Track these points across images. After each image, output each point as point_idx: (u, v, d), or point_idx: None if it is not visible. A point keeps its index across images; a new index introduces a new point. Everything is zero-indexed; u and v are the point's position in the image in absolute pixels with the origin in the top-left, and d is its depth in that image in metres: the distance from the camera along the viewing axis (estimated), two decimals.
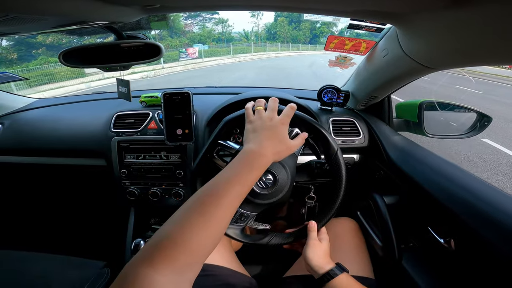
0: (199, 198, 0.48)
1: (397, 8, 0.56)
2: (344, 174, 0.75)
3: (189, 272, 0.42)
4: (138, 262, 0.39)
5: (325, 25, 55.45)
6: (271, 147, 0.59)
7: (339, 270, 0.68)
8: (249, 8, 0.67)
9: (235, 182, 0.51)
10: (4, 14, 0.40)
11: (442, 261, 0.81)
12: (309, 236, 0.75)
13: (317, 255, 0.71)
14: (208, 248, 0.45)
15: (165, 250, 0.40)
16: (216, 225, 0.46)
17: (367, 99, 1.12)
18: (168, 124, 1.01)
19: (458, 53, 0.59)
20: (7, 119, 1.32)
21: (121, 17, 0.64)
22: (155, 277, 0.37)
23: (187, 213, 0.46)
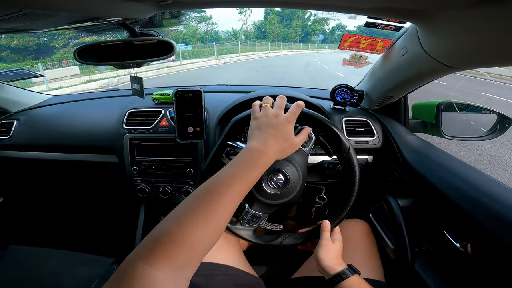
0: (199, 195, 0.47)
1: (420, 6, 0.54)
2: (358, 172, 0.73)
3: (187, 269, 0.42)
4: (137, 257, 0.38)
5: (316, 22, 54.30)
6: (275, 145, 0.59)
7: (350, 272, 0.66)
8: (264, 5, 0.66)
9: (237, 180, 0.50)
10: (18, 9, 0.39)
11: (457, 265, 0.79)
12: (322, 236, 0.73)
13: (329, 256, 0.69)
14: (207, 245, 0.45)
15: (164, 247, 0.39)
16: (216, 222, 0.45)
17: (383, 99, 1.09)
18: (179, 121, 1.00)
19: (484, 52, 0.57)
20: (22, 115, 1.35)
21: (134, 14, 0.64)
22: (154, 273, 0.37)
23: (187, 210, 0.45)
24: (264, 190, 0.74)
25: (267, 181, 0.74)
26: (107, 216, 1.67)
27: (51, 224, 1.71)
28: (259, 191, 0.74)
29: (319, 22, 55.48)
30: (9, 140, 1.27)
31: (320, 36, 59.61)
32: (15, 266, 1.00)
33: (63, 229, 1.69)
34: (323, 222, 0.75)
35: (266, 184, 0.74)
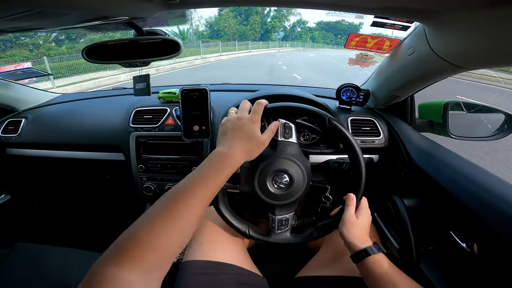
0: (163, 201, 0.49)
1: (430, 6, 0.53)
2: (350, 136, 0.70)
3: (157, 270, 0.43)
4: (106, 260, 0.40)
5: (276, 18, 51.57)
6: (240, 147, 0.60)
7: (374, 250, 0.64)
8: (273, 5, 0.66)
9: (202, 183, 0.52)
10: (30, 8, 0.40)
11: (463, 266, 0.79)
12: (345, 211, 0.71)
13: (352, 233, 0.67)
14: (176, 246, 0.46)
15: (130, 251, 0.41)
16: (182, 224, 0.47)
17: (389, 99, 1.08)
18: (185, 120, 1.01)
19: (493, 52, 0.56)
20: (30, 113, 1.36)
21: (142, 13, 0.64)
22: (123, 274, 0.38)
23: (154, 213, 0.47)
24: (269, 191, 0.73)
25: (272, 182, 0.74)
26: (113, 214, 1.68)
27: (57, 222, 1.73)
28: (265, 193, 0.74)
29: (279, 18, 52.45)
30: (17, 138, 1.29)
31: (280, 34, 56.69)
32: (22, 263, 1.02)
33: (69, 227, 1.71)
34: (347, 196, 0.72)
35: (271, 184, 0.74)
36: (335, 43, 71.47)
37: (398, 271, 0.62)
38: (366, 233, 0.69)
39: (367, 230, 0.69)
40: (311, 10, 0.69)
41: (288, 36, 58.72)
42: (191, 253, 0.77)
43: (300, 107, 0.73)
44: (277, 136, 0.75)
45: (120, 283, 0.37)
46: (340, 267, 0.77)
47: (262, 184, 0.74)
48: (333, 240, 0.85)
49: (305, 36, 63.62)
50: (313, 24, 71.82)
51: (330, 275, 0.77)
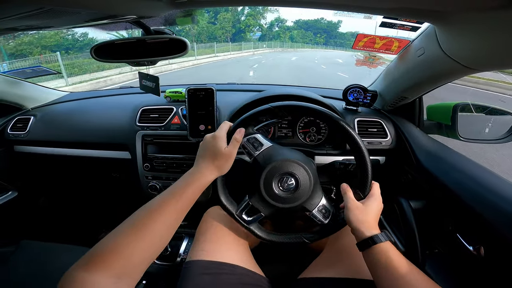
0: (136, 213, 0.54)
1: (441, 7, 0.52)
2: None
3: (127, 277, 0.47)
4: (76, 267, 0.44)
5: (251, 16, 46.17)
6: (207, 164, 0.66)
7: (383, 238, 0.61)
8: (280, 4, 0.65)
9: (170, 198, 0.57)
10: (40, 6, 0.40)
11: (469, 269, 0.78)
12: (345, 199, 0.70)
13: (358, 219, 0.65)
14: (144, 256, 0.50)
15: (101, 255, 0.46)
16: (150, 235, 0.51)
17: (397, 100, 1.07)
18: (191, 119, 1.01)
19: (505, 54, 0.55)
20: (39, 111, 1.38)
21: (150, 12, 0.65)
22: (93, 278, 0.43)
23: (125, 225, 0.52)
24: (272, 189, 0.73)
25: (278, 182, 0.74)
26: (117, 212, 1.69)
27: (63, 219, 1.74)
28: (267, 188, 0.73)
29: (254, 16, 47.63)
30: (26, 135, 1.31)
31: (256, 34, 52.09)
32: (27, 260, 1.02)
33: (75, 225, 1.72)
34: (341, 186, 0.73)
35: (276, 184, 0.73)
36: (315, 42, 67.91)
37: (407, 262, 0.58)
38: (375, 220, 0.66)
39: (375, 217, 0.66)
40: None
41: (265, 36, 54.02)
42: (195, 253, 0.77)
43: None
44: (251, 155, 0.75)
45: (88, 285, 0.42)
46: (343, 268, 0.77)
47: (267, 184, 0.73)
48: (336, 241, 0.84)
49: (283, 35, 59.26)
50: (291, 23, 68.61)
51: (333, 277, 0.76)
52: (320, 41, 70.12)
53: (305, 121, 1.13)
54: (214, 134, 0.69)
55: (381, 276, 0.59)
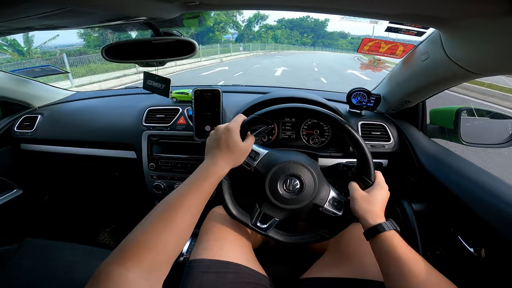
0: (159, 207, 0.55)
1: (447, 13, 0.54)
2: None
3: (157, 271, 0.48)
4: (110, 261, 0.45)
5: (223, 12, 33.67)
6: (222, 155, 0.65)
7: (388, 226, 0.62)
8: (287, 8, 0.67)
9: (190, 191, 0.58)
10: (61, 6, 0.42)
11: (471, 270, 0.78)
12: (350, 189, 0.72)
13: (363, 208, 0.66)
14: (171, 248, 0.51)
15: (132, 250, 0.46)
16: (175, 228, 0.52)
17: (400, 104, 1.08)
18: (197, 120, 1.02)
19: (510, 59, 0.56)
20: (46, 110, 1.39)
21: (161, 14, 0.66)
22: (125, 273, 0.43)
23: (149, 219, 0.53)
24: (278, 193, 0.74)
25: (283, 185, 0.75)
26: (122, 211, 1.70)
27: (66, 218, 1.75)
28: (273, 193, 0.74)
29: (228, 12, 34.62)
30: (33, 134, 1.32)
31: (228, 35, 44.24)
32: (30, 258, 1.03)
33: (79, 223, 1.73)
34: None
35: (281, 187, 0.74)
36: (302, 42, 62.10)
37: (411, 250, 0.59)
38: (381, 209, 0.67)
39: (381, 206, 0.67)
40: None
41: (243, 36, 47.12)
42: (198, 252, 0.77)
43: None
44: (251, 166, 0.76)
45: (123, 281, 0.42)
46: (346, 269, 0.77)
47: (272, 185, 0.74)
48: (340, 241, 0.85)
49: (265, 35, 52.96)
50: (274, 22, 62.61)
51: (336, 277, 0.76)
52: (307, 42, 64.99)
53: (308, 123, 1.15)
54: (228, 127, 0.68)
55: (386, 263, 0.60)
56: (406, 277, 0.55)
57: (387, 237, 0.60)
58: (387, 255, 0.59)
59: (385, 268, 0.60)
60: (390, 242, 0.60)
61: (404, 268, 0.56)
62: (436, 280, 0.55)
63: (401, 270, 0.56)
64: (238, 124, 0.69)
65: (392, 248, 0.59)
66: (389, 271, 0.59)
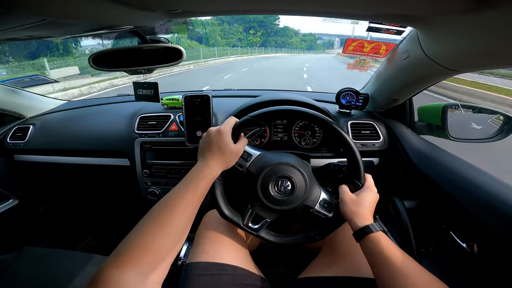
0: (156, 209, 0.56)
1: (419, 12, 0.55)
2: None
3: (154, 273, 0.48)
4: (108, 264, 0.45)
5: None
6: (214, 157, 0.67)
7: (375, 228, 0.63)
8: (269, 12, 0.68)
9: (185, 192, 0.59)
10: (43, 18, 0.43)
11: (464, 265, 0.79)
12: (340, 192, 0.72)
13: (352, 211, 0.67)
14: (169, 249, 0.52)
15: (130, 253, 0.47)
16: (172, 229, 0.53)
17: (388, 102, 1.10)
18: (188, 126, 1.03)
19: (483, 54, 0.58)
20: (38, 120, 1.40)
21: (146, 22, 0.67)
22: (122, 276, 0.43)
23: (146, 221, 0.53)
24: (270, 194, 0.74)
25: (274, 186, 0.75)
26: (118, 218, 1.70)
27: (63, 226, 1.75)
28: (265, 194, 0.75)
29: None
30: (25, 144, 1.32)
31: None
32: (29, 266, 1.03)
33: (76, 231, 1.73)
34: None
35: (273, 188, 0.75)
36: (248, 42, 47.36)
37: (398, 250, 0.60)
38: (369, 211, 0.68)
39: (370, 208, 0.68)
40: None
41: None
42: (195, 255, 0.77)
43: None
44: (243, 167, 0.77)
45: (121, 283, 0.42)
46: (342, 267, 0.77)
47: (264, 186, 0.75)
48: (334, 241, 0.85)
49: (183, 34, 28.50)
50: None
51: (332, 276, 0.77)
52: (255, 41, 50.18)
53: (300, 125, 1.16)
54: (220, 129, 0.69)
55: (375, 264, 0.61)
56: (395, 276, 0.56)
57: (375, 238, 0.62)
58: (375, 256, 0.61)
59: (375, 269, 0.61)
60: (377, 243, 0.61)
61: (392, 268, 0.57)
62: (426, 279, 0.55)
63: (390, 270, 0.57)
64: (230, 126, 0.71)
65: (380, 249, 0.60)
66: (379, 272, 0.60)
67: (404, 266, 0.57)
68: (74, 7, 0.45)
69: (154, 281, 0.47)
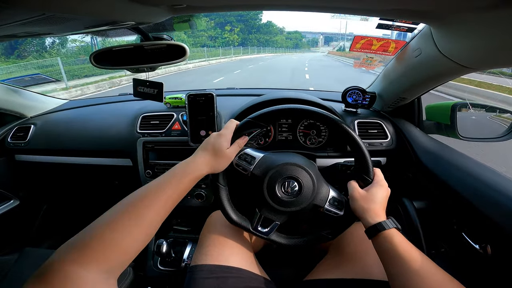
0: (130, 201, 0.52)
1: (436, 8, 0.53)
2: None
3: (118, 269, 0.45)
4: (66, 259, 0.41)
5: None
6: (205, 157, 0.65)
7: (389, 225, 0.61)
8: (276, 8, 0.66)
9: (166, 187, 0.56)
10: (41, 13, 0.41)
11: (477, 267, 0.77)
12: (349, 189, 0.71)
13: (363, 207, 0.65)
14: (139, 247, 0.49)
15: (97, 250, 0.43)
16: (146, 226, 0.50)
17: (395, 101, 1.08)
18: (192, 125, 1.01)
19: (501, 53, 0.56)
20: (39, 120, 1.38)
21: (149, 18, 0.65)
22: (83, 274, 0.40)
23: (118, 215, 0.49)
24: (277, 196, 0.73)
25: (281, 187, 0.73)
26: None
27: (65, 227, 1.74)
28: (272, 197, 0.73)
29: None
30: (26, 144, 1.31)
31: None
32: (31, 268, 1.02)
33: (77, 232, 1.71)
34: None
35: (279, 190, 0.73)
36: (223, 41, 38.54)
37: (413, 248, 0.58)
38: (381, 207, 0.66)
39: (381, 204, 0.66)
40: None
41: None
42: (199, 258, 0.76)
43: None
44: (247, 171, 0.75)
45: (82, 283, 0.39)
46: (348, 270, 0.76)
47: (270, 188, 0.73)
48: (342, 241, 0.84)
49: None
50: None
51: (338, 278, 0.75)
52: (232, 39, 40.98)
53: (305, 124, 1.14)
54: (220, 133, 0.69)
55: (388, 262, 0.59)
56: (409, 275, 0.54)
57: (388, 236, 0.59)
58: (389, 254, 0.58)
59: (388, 267, 0.59)
60: (390, 241, 0.59)
61: (406, 267, 0.55)
62: (440, 278, 0.53)
63: (403, 268, 0.55)
64: (231, 131, 0.70)
65: (393, 247, 0.58)
66: (392, 270, 0.58)
67: (419, 265, 0.54)
68: (74, 1, 0.42)
69: (113, 277, 0.45)
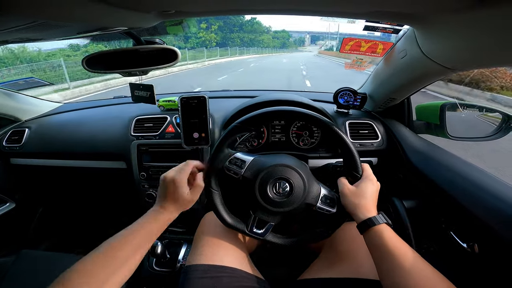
0: (104, 251, 0.57)
1: (417, 10, 0.55)
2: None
3: None
4: None
5: None
6: (171, 205, 0.68)
7: (379, 220, 0.61)
8: (264, 12, 0.67)
9: (136, 234, 0.61)
10: (33, 20, 0.42)
11: (465, 266, 0.78)
12: (339, 185, 0.72)
13: (353, 203, 0.66)
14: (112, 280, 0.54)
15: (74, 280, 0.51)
16: (121, 270, 0.55)
17: (385, 101, 1.09)
18: (185, 127, 1.02)
19: (481, 53, 0.57)
20: (33, 123, 1.38)
21: (139, 23, 0.66)
22: None
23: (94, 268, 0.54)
24: (269, 197, 0.74)
25: (272, 189, 0.75)
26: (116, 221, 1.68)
27: (61, 229, 1.74)
28: (264, 198, 0.74)
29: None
30: (21, 147, 1.31)
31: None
32: (27, 270, 1.02)
33: (74, 234, 1.72)
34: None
35: (271, 191, 0.74)
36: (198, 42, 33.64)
37: (402, 243, 0.59)
38: (371, 202, 0.66)
39: (372, 199, 0.67)
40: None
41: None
42: (194, 258, 0.77)
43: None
44: (238, 174, 0.77)
45: None
46: (342, 269, 0.77)
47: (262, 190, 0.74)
48: (334, 242, 0.85)
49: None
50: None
51: (332, 277, 0.76)
52: (209, 38, 34.57)
53: (297, 125, 1.15)
54: (174, 179, 0.68)
55: (379, 258, 0.60)
56: (398, 271, 0.55)
57: (378, 231, 0.60)
58: (379, 249, 0.59)
59: (378, 263, 0.60)
60: (380, 236, 0.59)
61: (396, 262, 0.55)
62: (429, 273, 0.54)
63: (393, 264, 0.56)
64: (186, 175, 0.70)
65: (383, 242, 0.59)
66: (382, 266, 0.59)
67: (408, 260, 0.55)
68: (66, 8, 0.43)
69: None
